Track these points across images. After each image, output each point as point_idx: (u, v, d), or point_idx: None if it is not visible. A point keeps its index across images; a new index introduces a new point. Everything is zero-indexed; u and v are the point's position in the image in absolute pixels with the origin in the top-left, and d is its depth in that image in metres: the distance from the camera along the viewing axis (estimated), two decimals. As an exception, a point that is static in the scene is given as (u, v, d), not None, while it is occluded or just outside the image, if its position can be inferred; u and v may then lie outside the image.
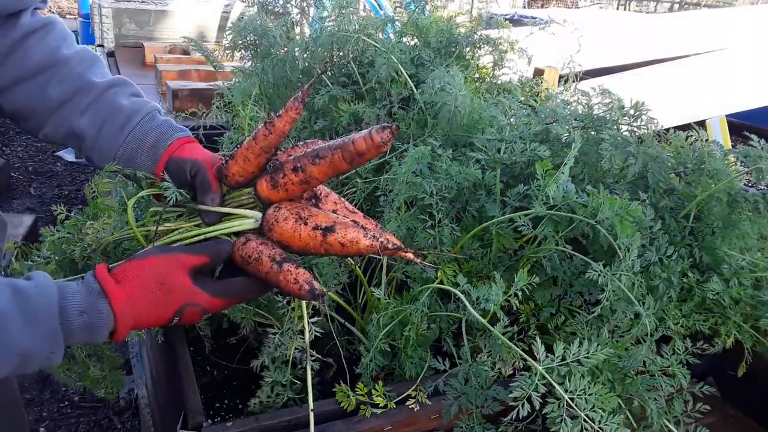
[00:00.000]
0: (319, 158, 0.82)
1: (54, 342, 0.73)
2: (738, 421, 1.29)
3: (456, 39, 1.72)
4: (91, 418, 2.49)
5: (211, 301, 0.83)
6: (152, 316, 0.80)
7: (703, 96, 3.60)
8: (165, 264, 0.81)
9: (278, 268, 0.83)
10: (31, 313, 0.70)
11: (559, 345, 0.84)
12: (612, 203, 0.98)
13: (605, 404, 0.82)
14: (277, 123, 0.85)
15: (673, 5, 13.96)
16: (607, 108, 1.27)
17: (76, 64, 1.01)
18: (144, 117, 1.00)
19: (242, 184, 0.92)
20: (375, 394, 1.00)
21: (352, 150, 0.80)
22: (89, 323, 0.75)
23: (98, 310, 0.75)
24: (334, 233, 0.83)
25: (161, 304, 0.80)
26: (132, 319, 0.78)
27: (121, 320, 0.77)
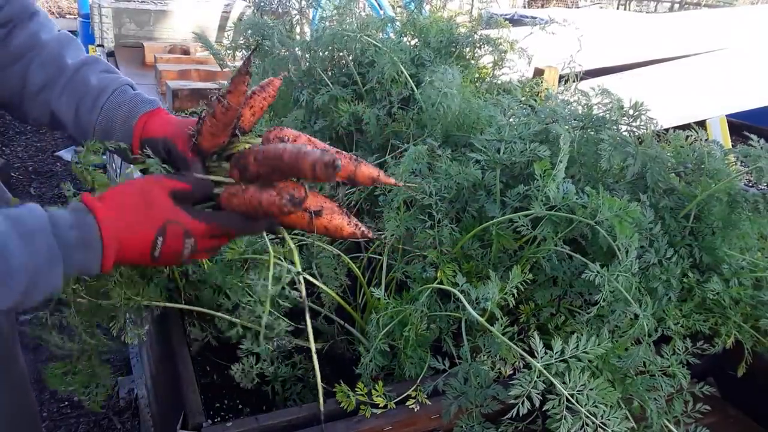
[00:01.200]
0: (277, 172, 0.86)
1: (53, 257, 0.75)
2: (738, 422, 1.29)
3: (456, 39, 1.72)
4: (91, 418, 2.49)
5: (194, 224, 0.85)
6: (136, 234, 0.82)
7: (703, 96, 3.60)
8: (146, 183, 0.85)
9: (260, 191, 0.87)
10: (27, 231, 0.73)
11: (558, 341, 0.84)
12: (611, 204, 0.98)
13: (606, 399, 0.82)
14: (231, 100, 0.90)
15: (673, 5, 13.95)
16: (607, 108, 1.27)
17: (54, 47, 1.03)
18: (112, 93, 1.02)
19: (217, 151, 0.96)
20: (375, 394, 1.00)
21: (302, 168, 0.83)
22: (81, 238, 0.77)
23: (86, 223, 0.78)
24: (320, 217, 0.89)
25: (143, 219, 0.82)
26: (117, 235, 0.80)
27: (107, 233, 0.79)
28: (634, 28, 5.02)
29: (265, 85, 0.97)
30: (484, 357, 1.00)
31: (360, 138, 1.56)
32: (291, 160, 0.85)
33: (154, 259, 0.85)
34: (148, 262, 0.85)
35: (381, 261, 1.22)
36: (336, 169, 0.81)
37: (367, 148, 1.52)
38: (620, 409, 0.83)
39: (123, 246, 0.81)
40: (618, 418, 0.80)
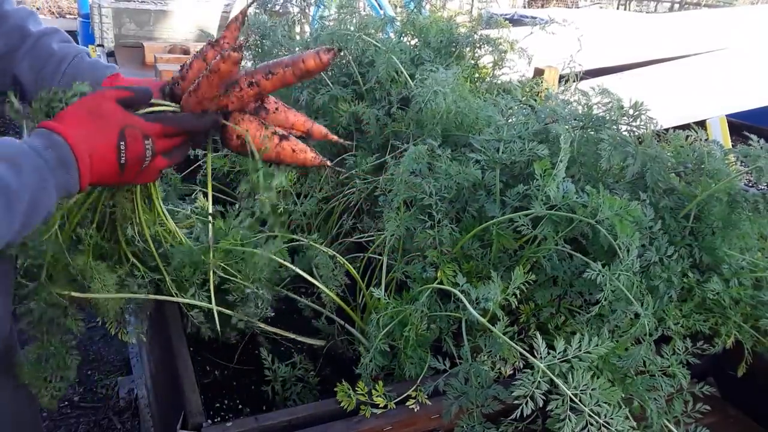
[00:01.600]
0: (271, 74, 0.96)
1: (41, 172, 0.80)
2: (738, 421, 1.29)
3: (456, 39, 1.72)
4: (91, 418, 2.49)
5: (149, 126, 0.92)
6: (101, 142, 0.87)
7: (703, 96, 3.60)
8: (92, 98, 0.91)
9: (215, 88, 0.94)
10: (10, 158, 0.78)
11: (560, 341, 0.84)
12: (612, 203, 0.98)
13: (609, 398, 0.82)
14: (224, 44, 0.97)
15: (673, 5, 13.95)
16: (607, 108, 1.27)
17: (17, 17, 1.10)
18: (73, 59, 1.09)
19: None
20: (375, 394, 1.00)
21: (302, 67, 0.95)
22: (57, 157, 0.82)
23: (56, 142, 0.83)
24: (288, 140, 1.00)
25: (102, 126, 0.88)
26: (86, 146, 0.85)
27: (77, 147, 0.84)
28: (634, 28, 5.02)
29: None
30: (484, 357, 1.00)
31: (360, 138, 1.56)
32: (289, 60, 0.95)
33: (122, 168, 0.89)
34: (117, 172, 0.90)
35: (381, 261, 1.22)
36: (335, 54, 0.93)
37: (367, 148, 1.52)
38: (623, 409, 0.82)
39: (92, 158, 0.86)
40: (621, 417, 0.80)
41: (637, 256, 0.98)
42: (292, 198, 1.44)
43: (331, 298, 1.18)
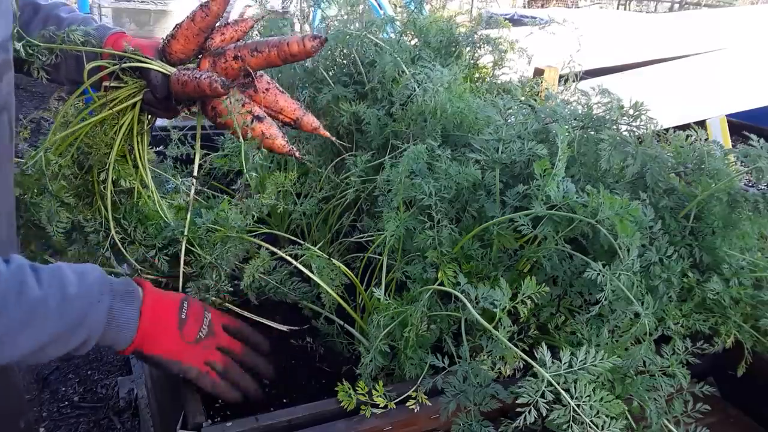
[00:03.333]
0: (257, 52, 0.99)
1: (103, 287, 0.87)
2: (738, 421, 1.29)
3: (456, 39, 1.72)
4: (91, 418, 2.49)
5: (206, 304, 1.06)
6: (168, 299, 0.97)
7: (703, 96, 3.60)
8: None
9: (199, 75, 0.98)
10: (80, 269, 0.87)
11: (566, 352, 0.84)
12: (612, 203, 0.98)
13: (610, 410, 0.82)
14: (212, 6, 0.98)
15: (673, 5, 13.96)
16: (607, 108, 1.27)
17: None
18: (81, 23, 1.15)
19: (184, 61, 1.06)
20: (375, 394, 1.00)
21: (286, 50, 0.97)
22: (127, 289, 0.91)
23: (132, 283, 0.94)
24: (261, 122, 1.02)
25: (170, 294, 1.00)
26: (152, 298, 0.94)
27: (147, 293, 0.93)
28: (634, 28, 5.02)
29: (239, 21, 1.06)
30: (484, 357, 1.00)
31: (360, 138, 1.56)
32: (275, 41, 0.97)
33: (181, 325, 0.96)
34: (175, 330, 0.95)
35: (381, 261, 1.21)
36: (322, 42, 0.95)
37: (367, 148, 1.52)
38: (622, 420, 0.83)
39: (156, 306, 0.94)
40: (619, 429, 0.81)
41: (637, 256, 0.98)
42: (292, 198, 1.44)
43: (331, 299, 1.18)
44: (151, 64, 1.03)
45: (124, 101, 1.07)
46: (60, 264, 0.86)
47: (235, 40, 1.05)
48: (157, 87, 1.06)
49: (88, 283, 0.86)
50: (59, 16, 1.16)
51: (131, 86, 1.08)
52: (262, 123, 1.03)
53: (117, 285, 0.90)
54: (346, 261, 1.37)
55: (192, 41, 1.02)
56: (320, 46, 0.95)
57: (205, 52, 1.05)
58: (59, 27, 1.12)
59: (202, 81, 0.96)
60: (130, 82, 1.08)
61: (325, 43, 0.96)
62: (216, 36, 1.05)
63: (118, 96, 1.08)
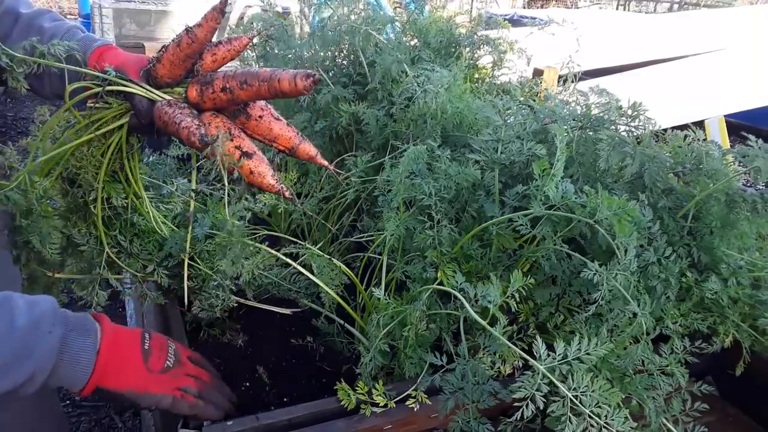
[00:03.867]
0: (246, 85, 0.93)
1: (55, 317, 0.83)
2: (737, 420, 1.29)
3: (456, 39, 1.72)
4: (92, 417, 2.50)
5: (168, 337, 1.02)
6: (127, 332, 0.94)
7: (702, 96, 3.60)
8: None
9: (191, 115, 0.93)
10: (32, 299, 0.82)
11: (560, 343, 0.84)
12: (610, 203, 0.99)
13: (610, 400, 0.82)
14: (198, 33, 0.93)
15: (672, 5, 13.95)
16: (605, 108, 1.27)
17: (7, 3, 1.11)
18: (66, 33, 1.08)
19: (171, 84, 1.00)
20: (375, 393, 1.01)
21: (276, 87, 0.91)
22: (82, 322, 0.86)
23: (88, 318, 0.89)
24: (250, 159, 0.96)
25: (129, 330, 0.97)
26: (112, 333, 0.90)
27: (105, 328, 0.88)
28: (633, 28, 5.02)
29: (233, 39, 1.00)
30: (483, 355, 1.01)
31: (359, 138, 1.56)
32: (266, 75, 0.91)
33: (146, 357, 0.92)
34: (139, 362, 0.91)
35: (381, 260, 1.22)
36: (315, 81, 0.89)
37: (366, 148, 1.52)
38: (623, 410, 0.83)
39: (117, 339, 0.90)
40: (621, 418, 0.81)
41: (635, 256, 0.99)
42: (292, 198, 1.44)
43: (331, 298, 1.18)
44: (135, 89, 0.98)
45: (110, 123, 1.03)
46: (11, 294, 0.80)
47: (228, 60, 0.99)
48: (142, 112, 0.99)
49: (39, 313, 0.80)
50: (42, 26, 1.09)
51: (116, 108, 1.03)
52: (251, 159, 0.97)
53: (72, 317, 0.85)
54: (346, 261, 1.38)
55: (178, 67, 0.96)
56: (312, 86, 0.90)
57: (194, 77, 0.99)
58: (41, 38, 1.04)
59: (181, 130, 0.91)
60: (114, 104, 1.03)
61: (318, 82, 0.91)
62: (207, 56, 0.99)
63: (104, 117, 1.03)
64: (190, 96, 0.98)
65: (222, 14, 0.92)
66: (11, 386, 0.76)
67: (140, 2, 4.47)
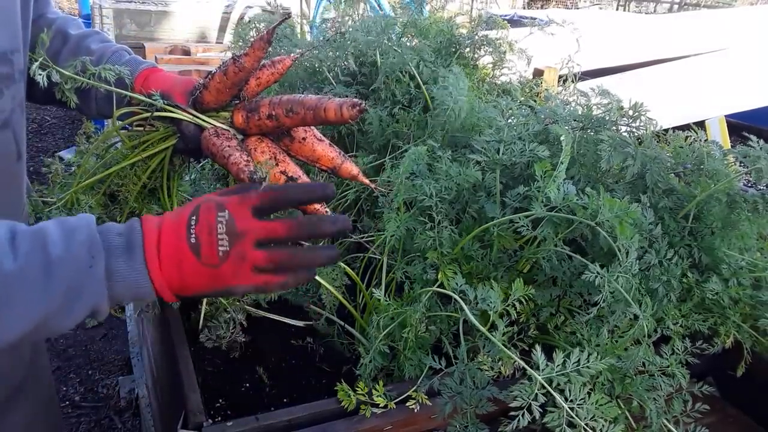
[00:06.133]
0: (292, 113, 0.95)
1: (93, 248, 0.70)
2: (737, 421, 1.29)
3: (456, 39, 1.72)
4: (92, 417, 2.50)
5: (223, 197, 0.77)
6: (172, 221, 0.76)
7: (703, 96, 3.60)
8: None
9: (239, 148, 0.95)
10: (69, 227, 0.71)
11: (559, 353, 0.84)
12: (612, 205, 0.99)
13: (606, 414, 0.82)
14: (245, 62, 0.95)
15: (672, 6, 13.95)
16: (606, 109, 1.27)
17: (58, 23, 1.13)
18: (112, 55, 1.10)
19: (217, 109, 1.02)
20: (375, 394, 1.01)
21: (323, 116, 0.93)
22: (126, 241, 0.73)
23: (133, 228, 0.74)
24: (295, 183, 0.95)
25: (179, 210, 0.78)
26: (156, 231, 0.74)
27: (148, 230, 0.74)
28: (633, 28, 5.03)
29: (276, 62, 1.01)
30: (483, 357, 1.01)
31: (361, 138, 1.56)
32: (312, 104, 0.93)
33: (196, 251, 0.73)
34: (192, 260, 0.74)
35: (381, 261, 1.22)
36: (361, 110, 0.90)
37: (367, 149, 1.52)
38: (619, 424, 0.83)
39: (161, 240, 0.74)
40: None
41: (636, 258, 0.98)
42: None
43: (332, 299, 1.18)
44: (183, 116, 1.00)
45: (156, 145, 1.05)
46: (45, 224, 0.71)
47: (272, 83, 1.02)
48: (188, 137, 1.00)
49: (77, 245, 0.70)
50: (89, 47, 1.10)
51: (162, 132, 1.06)
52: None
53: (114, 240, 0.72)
54: (346, 261, 1.38)
55: (224, 93, 0.99)
56: (358, 115, 0.91)
57: (239, 103, 1.02)
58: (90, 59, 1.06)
59: (230, 165, 0.91)
60: (161, 128, 1.06)
61: (364, 111, 0.92)
62: (251, 81, 1.01)
63: (150, 139, 1.06)
64: (236, 122, 1.00)
65: (269, 44, 0.94)
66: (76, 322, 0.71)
67: (140, 2, 4.47)
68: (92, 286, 0.70)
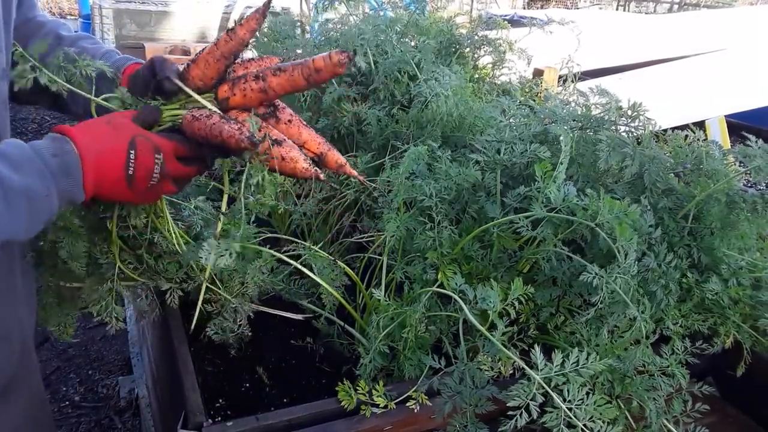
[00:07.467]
0: (280, 71, 0.91)
1: (43, 178, 0.81)
2: (737, 421, 1.29)
3: (456, 39, 1.72)
4: (92, 417, 2.50)
5: (161, 141, 0.91)
6: (111, 147, 0.87)
7: (702, 96, 3.60)
8: (108, 115, 0.94)
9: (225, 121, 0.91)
10: (14, 161, 0.79)
11: (558, 354, 0.84)
12: (611, 206, 0.98)
13: (604, 415, 0.82)
14: (238, 31, 0.92)
15: (672, 6, 13.95)
16: (605, 109, 1.27)
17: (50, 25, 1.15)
18: (102, 56, 1.12)
19: (201, 89, 0.98)
20: (375, 394, 1.01)
21: (311, 66, 0.89)
22: (62, 163, 0.83)
23: (65, 149, 0.84)
24: (280, 147, 0.94)
25: (113, 136, 0.88)
26: (94, 153, 0.86)
27: (85, 154, 0.85)
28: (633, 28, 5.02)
29: (264, 58, 1.00)
30: (483, 357, 1.01)
31: (360, 138, 1.56)
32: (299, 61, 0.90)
33: (129, 181, 0.89)
34: (123, 183, 0.88)
35: (381, 261, 1.22)
36: (349, 57, 0.87)
37: (367, 148, 1.52)
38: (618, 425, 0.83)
39: (99, 165, 0.86)
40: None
41: (635, 260, 0.98)
42: (293, 198, 1.44)
43: (332, 299, 1.18)
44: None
45: None
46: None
47: None
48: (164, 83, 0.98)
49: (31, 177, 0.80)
50: (84, 47, 1.13)
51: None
52: (282, 147, 0.93)
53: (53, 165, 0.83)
54: (347, 261, 1.38)
55: (212, 66, 0.95)
56: (347, 62, 0.87)
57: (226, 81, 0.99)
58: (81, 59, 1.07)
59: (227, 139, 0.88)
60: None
61: (353, 58, 0.89)
62: (239, 69, 0.99)
63: None
64: (221, 92, 0.97)
65: (264, 17, 0.92)
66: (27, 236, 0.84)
67: (140, 2, 4.47)
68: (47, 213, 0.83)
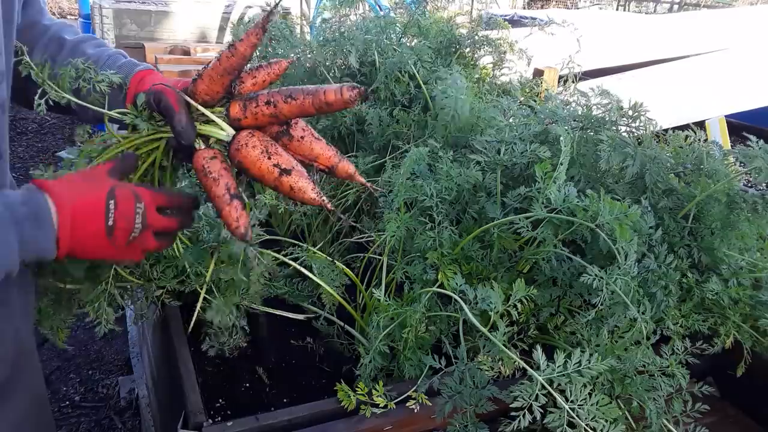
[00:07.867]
0: (291, 98, 0.93)
1: (3, 226, 0.77)
2: (737, 421, 1.29)
3: (457, 39, 1.72)
4: (92, 417, 2.50)
5: (139, 189, 0.90)
6: (89, 198, 0.84)
7: (702, 97, 3.60)
8: (85, 170, 0.92)
9: (229, 199, 0.93)
10: None
11: (560, 354, 0.84)
12: (612, 207, 0.98)
13: (607, 414, 0.82)
14: (238, 47, 0.92)
15: (672, 6, 13.94)
16: (606, 109, 1.27)
17: (54, 29, 1.13)
18: (107, 60, 1.10)
19: (209, 103, 0.99)
20: (375, 394, 1.01)
21: (322, 99, 0.91)
22: (31, 212, 0.80)
23: (35, 199, 0.81)
24: (289, 176, 0.95)
25: (91, 187, 0.86)
26: (70, 205, 0.82)
27: (61, 205, 0.81)
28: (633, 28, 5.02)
29: (272, 63, 1.00)
30: (483, 357, 1.01)
31: (361, 138, 1.56)
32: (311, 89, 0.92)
33: (109, 232, 0.85)
34: (103, 235, 0.85)
35: (381, 261, 1.22)
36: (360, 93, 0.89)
37: (368, 149, 1.52)
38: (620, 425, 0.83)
39: (76, 216, 0.82)
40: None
41: (635, 261, 0.98)
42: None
43: (331, 299, 1.18)
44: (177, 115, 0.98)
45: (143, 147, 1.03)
46: None
47: (268, 84, 0.99)
48: (181, 134, 0.98)
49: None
50: (86, 52, 1.11)
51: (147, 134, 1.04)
52: (290, 176, 0.95)
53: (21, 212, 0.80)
54: (346, 261, 1.38)
55: (216, 82, 0.96)
56: (358, 97, 0.90)
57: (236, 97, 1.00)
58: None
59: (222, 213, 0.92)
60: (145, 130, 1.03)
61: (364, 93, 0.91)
62: (247, 79, 0.99)
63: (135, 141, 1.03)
64: (233, 112, 0.98)
65: (264, 31, 0.92)
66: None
67: (140, 2, 4.47)
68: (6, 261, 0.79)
